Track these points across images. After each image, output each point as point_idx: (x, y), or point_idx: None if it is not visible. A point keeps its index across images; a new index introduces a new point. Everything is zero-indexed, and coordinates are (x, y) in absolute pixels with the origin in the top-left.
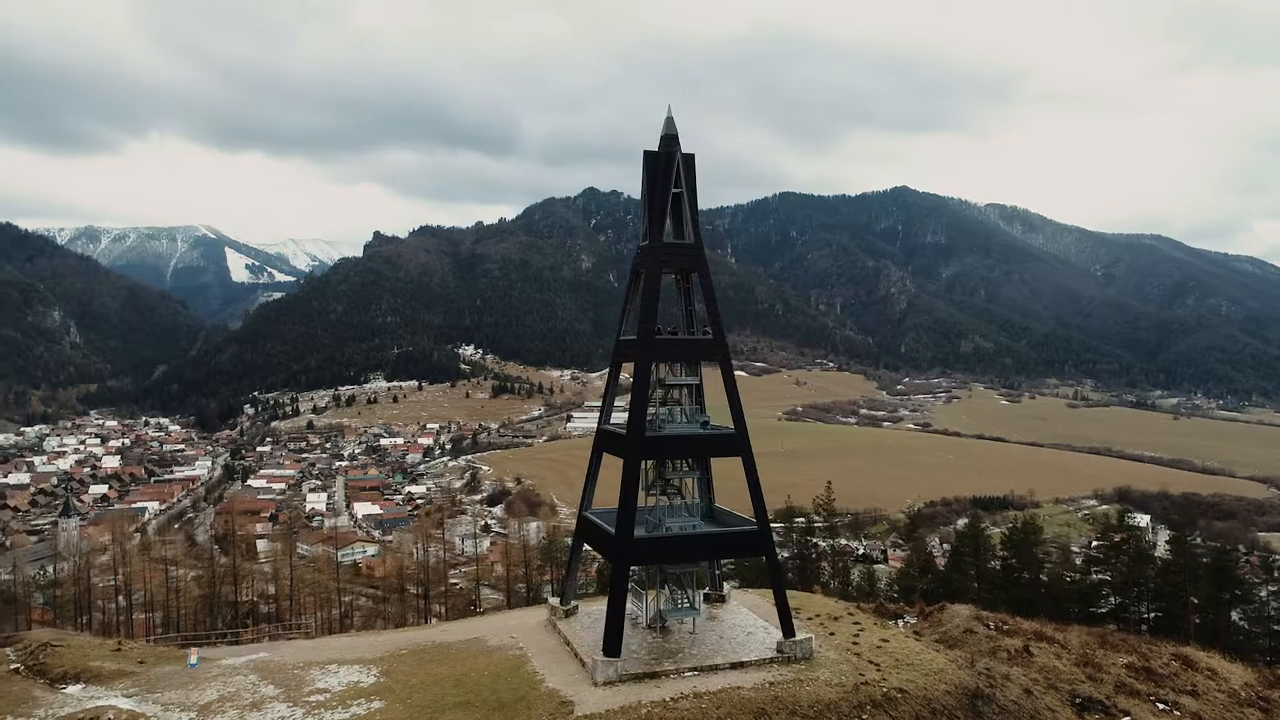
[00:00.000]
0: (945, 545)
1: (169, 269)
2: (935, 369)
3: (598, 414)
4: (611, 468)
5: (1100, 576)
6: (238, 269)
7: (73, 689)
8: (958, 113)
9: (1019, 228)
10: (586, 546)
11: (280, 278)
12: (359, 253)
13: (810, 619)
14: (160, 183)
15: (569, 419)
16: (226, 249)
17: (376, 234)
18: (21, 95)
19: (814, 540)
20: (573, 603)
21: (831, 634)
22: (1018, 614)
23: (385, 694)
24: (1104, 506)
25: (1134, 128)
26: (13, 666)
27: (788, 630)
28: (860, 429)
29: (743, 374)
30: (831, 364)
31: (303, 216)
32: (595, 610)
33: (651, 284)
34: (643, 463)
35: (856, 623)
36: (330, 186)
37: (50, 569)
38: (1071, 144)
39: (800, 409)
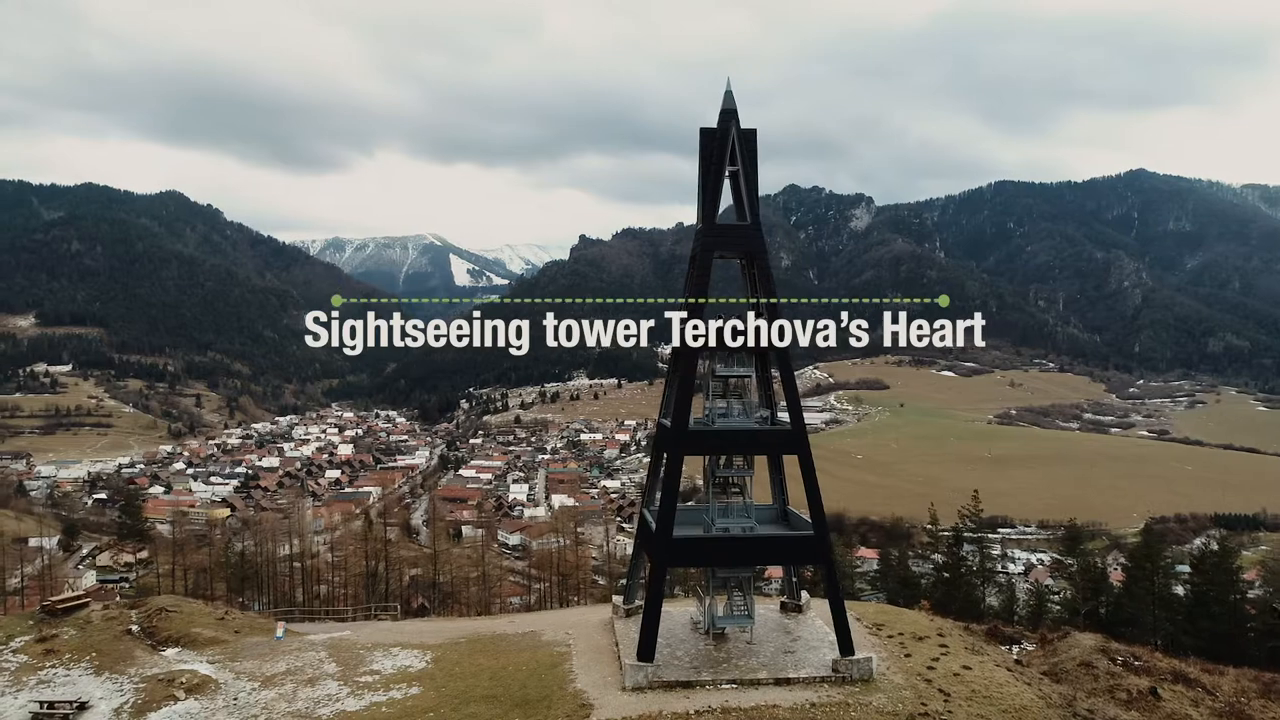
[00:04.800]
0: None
1: (401, 275)
2: (1175, 370)
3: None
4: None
5: None
6: (460, 273)
7: (170, 652)
8: (1196, 83)
9: None
10: None
11: (497, 281)
12: (567, 256)
13: (890, 637)
14: (390, 195)
15: None
16: (450, 255)
17: (581, 237)
18: (272, 126)
19: (964, 552)
20: (636, 602)
21: (908, 655)
22: (1208, 653)
23: (425, 680)
24: None
25: None
26: (130, 628)
27: (845, 647)
28: (1083, 434)
29: (950, 374)
30: (1051, 364)
31: (516, 222)
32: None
33: (703, 268)
34: (703, 459)
35: (943, 645)
36: (536, 193)
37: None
38: None
39: (1014, 412)
